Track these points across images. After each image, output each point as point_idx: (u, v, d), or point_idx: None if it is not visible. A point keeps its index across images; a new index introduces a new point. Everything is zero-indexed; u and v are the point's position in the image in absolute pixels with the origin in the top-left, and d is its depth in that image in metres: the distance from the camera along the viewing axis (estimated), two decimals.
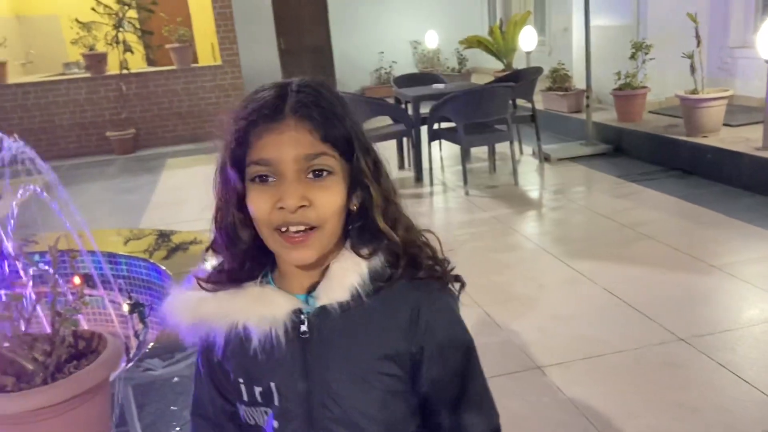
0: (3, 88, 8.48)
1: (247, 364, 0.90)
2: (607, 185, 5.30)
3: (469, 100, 5.30)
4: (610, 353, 2.72)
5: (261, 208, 0.84)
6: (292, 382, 0.89)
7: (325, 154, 0.84)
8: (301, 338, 0.88)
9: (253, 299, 0.89)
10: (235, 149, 0.87)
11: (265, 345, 0.88)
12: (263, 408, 0.91)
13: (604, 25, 7.06)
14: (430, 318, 0.90)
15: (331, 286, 0.88)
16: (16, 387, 1.55)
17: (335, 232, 0.87)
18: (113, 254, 3.23)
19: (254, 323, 0.88)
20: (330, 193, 0.85)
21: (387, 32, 12.03)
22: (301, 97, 0.85)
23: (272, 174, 0.84)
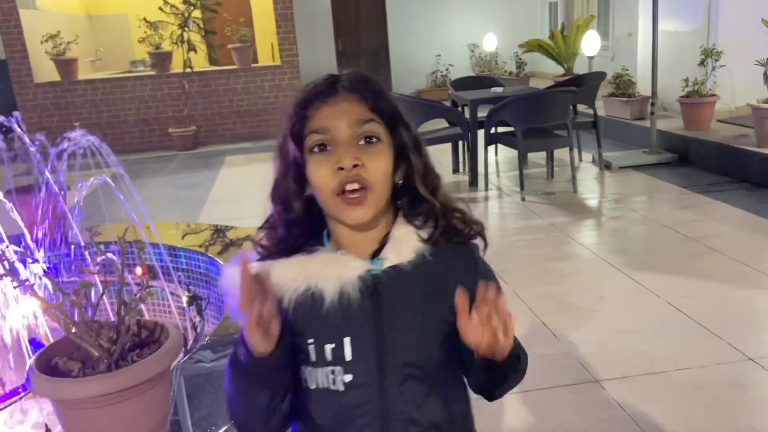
0: (73, 83, 8.83)
1: (319, 323, 0.97)
2: (671, 196, 5.11)
3: (529, 104, 5.21)
4: (673, 370, 2.61)
5: (321, 173, 0.95)
6: (365, 335, 0.97)
7: (373, 120, 0.97)
8: (372, 296, 0.97)
9: (326, 262, 0.98)
10: (295, 124, 0.98)
11: (338, 304, 0.96)
12: (332, 367, 0.97)
13: (672, 30, 6.83)
14: (481, 269, 1.04)
15: (397, 248, 0.99)
16: (81, 372, 1.59)
17: (385, 195, 0.97)
18: (173, 247, 3.30)
19: (330, 283, 0.96)
20: (379, 157, 0.96)
21: (444, 35, 11.98)
22: (350, 77, 0.99)
23: (329, 142, 0.95)
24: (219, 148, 8.68)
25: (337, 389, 0.97)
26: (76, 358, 1.62)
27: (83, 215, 3.33)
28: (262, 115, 9.17)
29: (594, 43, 7.44)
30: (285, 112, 1.00)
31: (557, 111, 5.21)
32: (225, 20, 9.07)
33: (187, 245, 3.31)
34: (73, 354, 1.64)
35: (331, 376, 0.97)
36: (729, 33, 6.23)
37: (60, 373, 1.58)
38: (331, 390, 0.98)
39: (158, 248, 3.10)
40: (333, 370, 0.97)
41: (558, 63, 9.26)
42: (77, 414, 1.55)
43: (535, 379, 2.52)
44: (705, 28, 6.51)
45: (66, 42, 8.66)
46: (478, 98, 5.75)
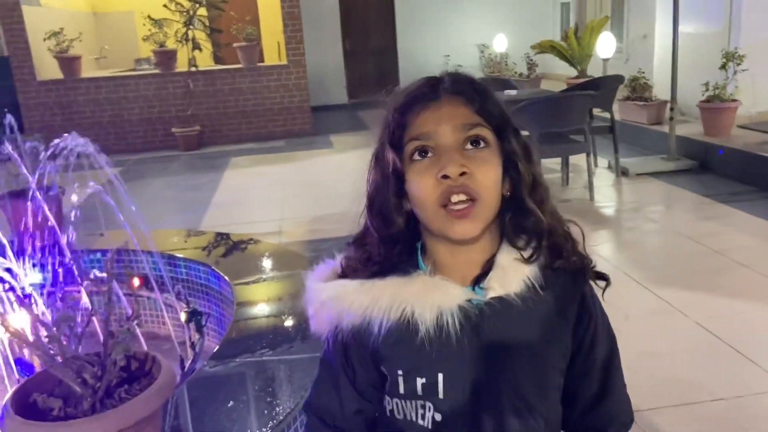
0: (76, 81, 8.68)
1: (412, 354, 0.88)
2: (692, 205, 4.91)
3: (546, 108, 5.02)
4: (707, 400, 2.41)
5: (423, 182, 0.85)
6: (461, 373, 0.88)
7: (480, 125, 0.87)
8: (473, 329, 0.87)
9: (426, 287, 0.88)
10: (394, 132, 0.89)
11: (434, 335, 0.86)
12: (422, 401, 0.89)
13: (692, 32, 6.63)
14: (592, 310, 0.93)
15: (503, 277, 0.88)
16: (62, 411, 1.42)
17: (494, 207, 0.87)
18: (173, 256, 3.13)
19: (428, 312, 0.86)
20: (488, 164, 0.86)
21: (454, 35, 11.80)
22: (454, 79, 0.90)
23: (431, 148, 0.86)
24: (224, 148, 8.52)
25: (426, 426, 0.90)
26: (58, 395, 1.45)
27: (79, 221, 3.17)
28: (268, 116, 9.00)
29: (609, 44, 7.25)
30: (383, 119, 0.91)
31: (575, 115, 5.03)
32: (231, 18, 8.91)
33: (189, 253, 3.14)
34: (54, 389, 1.46)
35: (421, 411, 0.90)
36: (751, 36, 6.02)
37: (39, 411, 1.41)
38: (419, 425, 0.90)
39: (155, 257, 2.94)
40: (423, 404, 0.90)
41: (571, 65, 9.06)
42: None
43: None
44: (726, 31, 6.30)
45: (69, 39, 8.51)
46: None
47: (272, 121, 9.03)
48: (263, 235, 3.43)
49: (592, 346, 0.93)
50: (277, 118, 9.01)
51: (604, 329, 0.95)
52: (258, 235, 3.43)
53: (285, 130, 9.01)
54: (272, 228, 4.70)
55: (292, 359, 1.98)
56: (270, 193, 5.95)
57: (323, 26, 11.40)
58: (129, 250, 2.96)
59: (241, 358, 2.02)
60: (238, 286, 2.66)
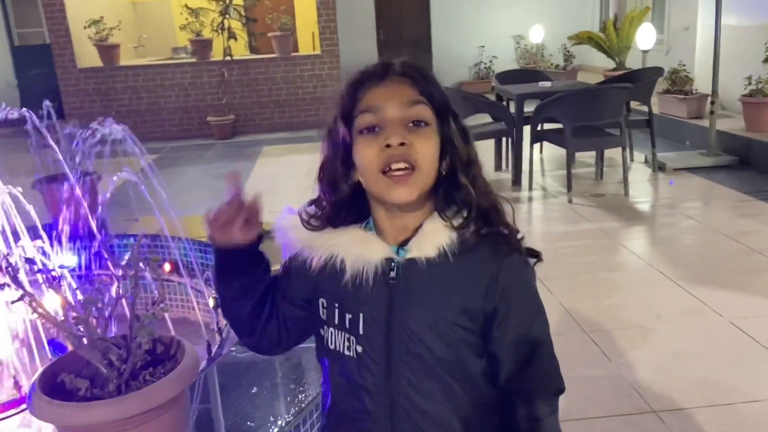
0: (115, 69, 8.84)
1: (340, 292, 1.01)
2: (732, 202, 4.77)
3: (581, 101, 4.93)
4: (741, 402, 2.35)
5: (368, 153, 0.95)
6: (377, 316, 1.00)
7: (423, 103, 0.97)
8: (389, 283, 0.99)
9: (353, 239, 1.01)
10: (346, 105, 0.99)
11: (356, 281, 0.99)
12: (347, 334, 1.02)
13: (735, 24, 6.42)
14: (507, 284, 0.98)
15: (422, 242, 0.98)
16: (88, 391, 1.44)
17: (431, 178, 0.97)
18: (204, 242, 3.16)
19: (350, 260, 1.00)
20: (427, 140, 0.96)
21: (489, 26, 11.65)
22: (403, 63, 1.00)
23: (378, 124, 0.95)
24: (256, 137, 8.58)
25: (351, 356, 1.02)
26: (85, 375, 1.48)
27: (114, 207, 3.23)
28: (301, 105, 9.03)
29: (649, 36, 7.07)
30: (336, 93, 1.02)
31: (611, 108, 4.92)
32: (266, 8, 8.95)
33: None
34: (82, 370, 1.49)
35: (347, 343, 1.02)
36: None
37: (66, 391, 1.44)
38: (346, 355, 1.02)
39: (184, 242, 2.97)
40: (349, 337, 1.02)
41: (609, 57, 8.88)
42: None
43: (584, 406, 2.30)
44: None
45: (109, 28, 8.66)
46: (525, 93, 5.49)
47: (305, 110, 9.06)
48: None
49: (506, 314, 0.99)
50: (309, 108, 9.03)
51: (523, 301, 1.01)
52: None
53: (317, 120, 8.95)
54: None
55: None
56: (300, 183, 5.96)
57: (357, 16, 11.37)
58: (161, 235, 3.00)
59: None
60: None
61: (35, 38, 11.24)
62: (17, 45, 11.42)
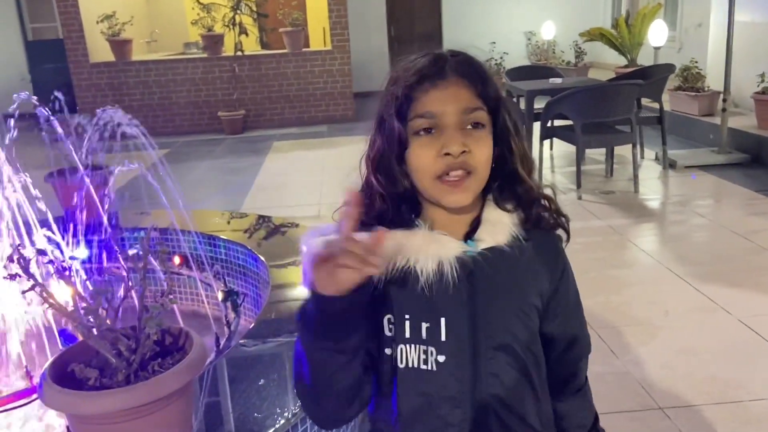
0: (127, 64, 8.89)
1: (414, 301, 0.96)
2: (743, 200, 4.74)
3: (591, 97, 4.90)
4: (748, 400, 2.34)
5: (425, 156, 0.94)
6: (460, 316, 0.96)
7: (480, 108, 0.95)
8: (468, 278, 0.96)
9: (426, 239, 0.96)
10: (402, 105, 0.95)
11: (433, 283, 0.94)
12: (425, 346, 0.96)
13: (748, 20, 6.36)
14: (564, 264, 1.03)
15: (492, 230, 0.98)
16: (98, 381, 1.46)
17: (485, 179, 0.96)
18: (213, 236, 3.19)
19: (429, 261, 0.95)
20: (484, 143, 0.95)
21: (500, 22, 11.60)
22: (458, 59, 0.98)
23: (434, 126, 0.94)
24: (266, 132, 8.61)
25: (430, 369, 0.96)
26: (94, 365, 1.50)
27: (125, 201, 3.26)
28: (311, 101, 9.05)
29: (661, 33, 7.02)
30: (389, 90, 0.98)
31: (621, 105, 4.89)
32: (277, 3, 8.98)
33: (228, 234, 3.20)
34: (91, 360, 1.51)
35: (423, 356, 0.97)
36: None
37: (76, 381, 1.46)
38: (422, 370, 0.96)
39: (193, 236, 3.00)
40: (426, 349, 0.96)
41: (621, 53, 8.82)
42: (89, 428, 1.43)
43: None
44: None
45: (121, 23, 8.71)
46: (535, 89, 5.47)
47: (315, 106, 9.08)
48: (302, 219, 3.46)
49: (566, 290, 1.03)
50: (319, 104, 9.05)
51: (572, 275, 1.06)
52: (297, 218, 3.47)
53: (327, 115, 9.05)
54: (311, 212, 4.75)
55: None
56: (310, 178, 6.00)
57: (369, 12, 11.37)
58: (171, 229, 3.03)
59: (275, 338, 2.06)
60: (274, 267, 2.70)
61: (48, 33, 11.34)
62: (31, 40, 11.52)
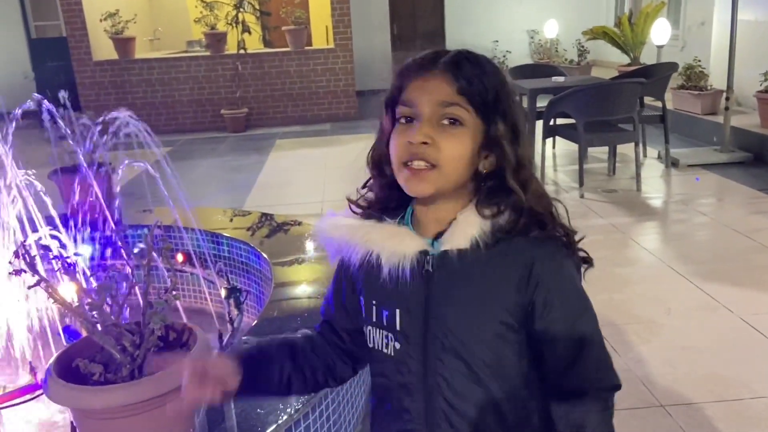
0: (130, 62, 8.90)
1: (378, 289, 1.02)
2: (745, 198, 4.73)
3: (594, 95, 4.90)
4: (749, 398, 2.35)
5: (397, 143, 0.96)
6: (413, 311, 0.99)
7: (458, 105, 0.94)
8: (424, 275, 0.98)
9: (388, 235, 1.00)
10: (393, 93, 0.99)
11: (392, 276, 0.98)
12: (385, 332, 1.02)
13: (752, 19, 6.35)
14: (541, 273, 0.95)
15: (454, 233, 0.97)
16: (102, 376, 1.48)
17: (453, 177, 0.95)
18: (217, 234, 3.20)
19: (386, 256, 0.99)
20: (455, 140, 0.94)
21: (503, 21, 11.60)
22: (454, 56, 0.96)
23: (413, 116, 0.96)
24: (269, 131, 8.62)
25: (389, 354, 1.02)
26: (99, 360, 1.52)
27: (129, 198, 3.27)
28: (314, 99, 9.06)
29: (664, 31, 7.01)
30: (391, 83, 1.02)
31: (624, 103, 4.89)
32: (280, 1, 8.99)
33: (231, 232, 3.21)
34: (96, 356, 1.53)
35: (385, 341, 1.02)
36: None
37: (80, 376, 1.48)
38: (384, 353, 1.03)
39: (197, 233, 3.01)
40: (387, 335, 1.02)
41: (624, 52, 8.81)
42: (94, 423, 1.44)
43: None
44: None
45: (125, 21, 8.73)
46: (538, 87, 5.47)
47: (318, 104, 9.08)
48: (304, 217, 3.47)
49: (546, 308, 0.95)
50: (322, 102, 9.05)
51: (563, 295, 0.97)
52: (299, 216, 3.48)
53: (330, 113, 9.06)
54: (314, 210, 4.76)
55: None
56: (313, 176, 6.01)
57: (371, 10, 11.36)
58: (174, 226, 3.04)
59: (278, 335, 2.07)
60: (276, 265, 2.71)
61: (52, 31, 11.37)
62: (34, 38, 11.55)
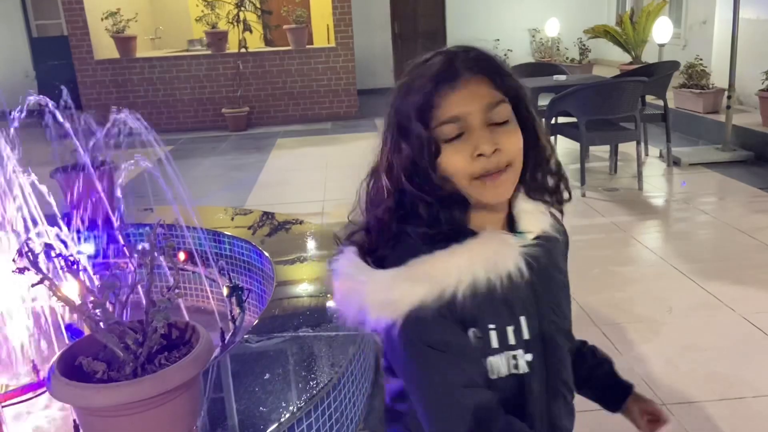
0: (132, 61, 8.91)
1: (494, 307, 0.93)
2: (747, 197, 4.73)
3: (595, 94, 4.90)
4: (750, 397, 2.35)
5: (459, 160, 0.91)
6: (534, 310, 0.97)
7: (503, 101, 0.92)
8: (530, 269, 0.95)
9: (491, 243, 0.93)
10: (424, 113, 0.91)
11: (506, 283, 0.92)
12: (512, 352, 0.94)
13: (753, 18, 6.35)
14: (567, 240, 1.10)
15: (533, 219, 0.99)
16: (105, 374, 1.48)
17: (520, 170, 0.95)
18: (218, 232, 3.21)
19: (503, 265, 0.92)
20: (513, 136, 0.92)
21: (504, 19, 11.59)
22: (471, 56, 0.94)
23: (463, 129, 0.91)
24: (270, 129, 8.62)
25: (521, 372, 0.95)
26: (102, 359, 1.52)
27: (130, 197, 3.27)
28: (315, 98, 9.06)
29: (665, 30, 7.01)
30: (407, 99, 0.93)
31: (625, 102, 4.89)
32: (281, 0, 8.97)
33: (233, 231, 3.22)
34: (99, 354, 1.53)
35: (513, 361, 0.95)
36: None
37: (84, 374, 1.48)
38: (514, 374, 0.95)
39: (199, 232, 3.01)
40: (515, 354, 0.94)
41: (625, 50, 8.80)
42: (97, 420, 1.45)
43: None
44: None
45: (126, 19, 8.73)
46: (540, 86, 5.47)
47: (319, 103, 9.08)
48: (305, 216, 3.47)
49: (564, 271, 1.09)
50: (323, 101, 9.06)
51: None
52: (300, 215, 3.48)
53: (331, 112, 9.06)
54: (315, 209, 4.76)
55: (328, 336, 2.01)
56: (314, 175, 6.01)
57: (372, 9, 11.36)
58: (176, 225, 3.04)
59: (279, 333, 2.07)
60: (278, 264, 2.71)
61: (53, 30, 11.37)
62: (35, 36, 11.56)
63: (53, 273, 1.64)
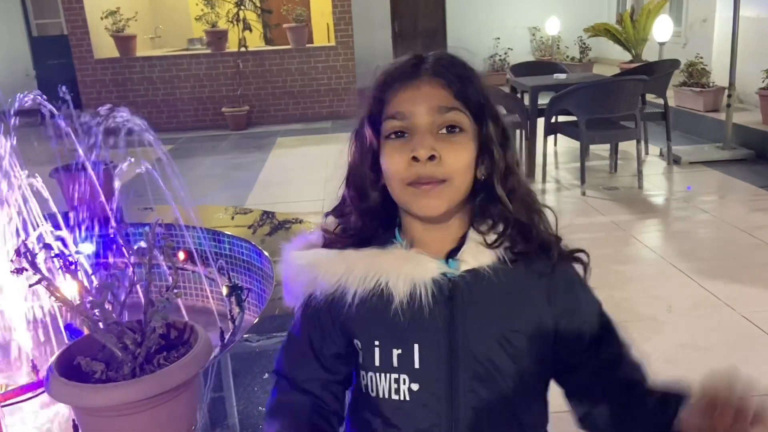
0: (131, 60, 8.90)
1: (386, 325, 0.89)
2: (747, 196, 4.73)
3: (595, 93, 4.89)
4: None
5: (395, 161, 0.86)
6: (436, 343, 0.89)
7: (457, 109, 0.86)
8: (447, 301, 0.89)
9: (400, 259, 0.89)
10: (373, 107, 0.90)
11: (408, 306, 0.88)
12: (396, 375, 0.90)
13: (754, 16, 6.33)
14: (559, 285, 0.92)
15: (477, 250, 0.89)
16: (104, 374, 1.48)
17: (462, 189, 0.88)
18: (218, 232, 3.21)
19: (402, 283, 0.88)
20: (459, 148, 0.86)
21: (504, 18, 11.58)
22: (437, 60, 0.89)
23: (407, 129, 0.87)
24: (270, 128, 8.62)
25: (402, 399, 0.91)
26: (100, 359, 1.52)
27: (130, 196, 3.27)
28: (315, 97, 9.05)
29: (666, 28, 7.00)
30: (363, 93, 0.93)
31: (625, 100, 4.88)
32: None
33: (232, 230, 3.22)
34: (97, 354, 1.53)
35: (395, 385, 0.91)
36: None
37: (82, 374, 1.48)
38: (394, 400, 0.91)
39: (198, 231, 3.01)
40: (398, 378, 0.90)
41: (625, 49, 8.80)
42: (95, 421, 1.45)
43: None
44: None
45: (126, 19, 8.72)
46: (540, 85, 5.46)
47: (319, 102, 9.08)
48: (305, 215, 3.47)
49: (576, 313, 0.94)
50: (323, 99, 9.05)
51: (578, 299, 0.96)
52: (300, 214, 3.48)
53: (331, 111, 9.05)
54: (315, 208, 4.76)
55: None
56: (314, 174, 6.00)
57: (373, 8, 11.35)
58: (176, 224, 3.05)
59: (279, 332, 2.07)
60: (278, 263, 2.71)
61: (53, 29, 11.37)
62: (35, 36, 11.55)
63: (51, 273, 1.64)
